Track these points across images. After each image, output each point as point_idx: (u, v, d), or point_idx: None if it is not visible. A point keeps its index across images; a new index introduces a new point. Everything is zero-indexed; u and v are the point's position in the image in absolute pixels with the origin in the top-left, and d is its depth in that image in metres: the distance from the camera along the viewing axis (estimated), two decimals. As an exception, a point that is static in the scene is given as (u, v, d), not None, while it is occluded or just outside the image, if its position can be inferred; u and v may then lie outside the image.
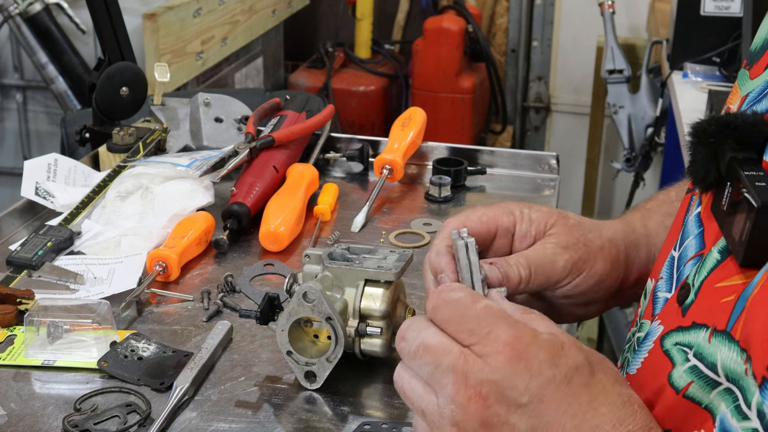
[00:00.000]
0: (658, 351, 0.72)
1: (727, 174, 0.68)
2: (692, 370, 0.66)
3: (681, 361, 0.68)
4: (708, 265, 0.70)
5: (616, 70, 2.73)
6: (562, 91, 3.63)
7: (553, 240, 0.85)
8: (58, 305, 0.92)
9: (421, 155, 1.40)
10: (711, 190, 0.71)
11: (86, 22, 2.65)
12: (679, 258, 0.76)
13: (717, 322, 0.65)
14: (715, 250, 0.70)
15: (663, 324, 0.73)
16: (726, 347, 0.63)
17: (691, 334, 0.69)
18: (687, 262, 0.74)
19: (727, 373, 0.63)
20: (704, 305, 0.68)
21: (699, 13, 2.29)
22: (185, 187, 1.20)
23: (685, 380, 0.67)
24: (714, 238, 0.71)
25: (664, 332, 0.72)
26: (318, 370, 0.85)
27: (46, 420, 0.82)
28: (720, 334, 0.64)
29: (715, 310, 0.66)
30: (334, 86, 3.32)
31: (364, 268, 0.87)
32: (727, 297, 0.66)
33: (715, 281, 0.68)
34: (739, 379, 0.62)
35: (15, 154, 3.00)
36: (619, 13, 2.99)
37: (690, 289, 0.71)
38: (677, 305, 0.72)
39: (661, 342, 0.72)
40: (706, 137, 0.69)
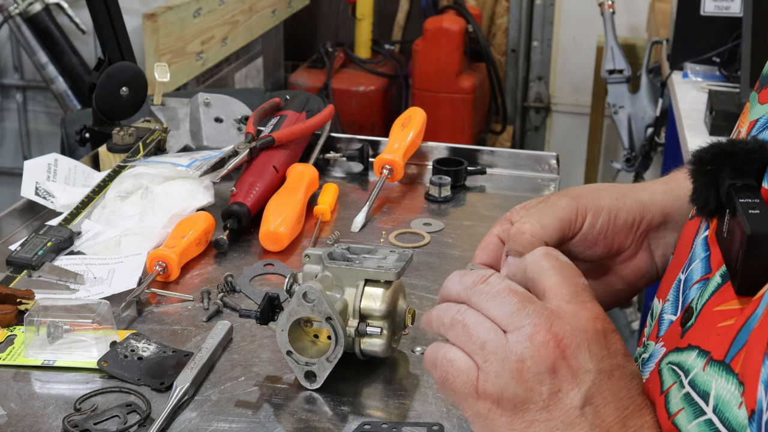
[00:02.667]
0: (655, 371, 0.73)
1: (727, 201, 0.68)
2: (685, 397, 0.66)
3: (675, 383, 0.69)
4: (710, 289, 0.70)
5: (616, 70, 2.73)
6: (562, 91, 3.63)
7: (552, 196, 0.87)
8: (58, 305, 0.92)
9: (421, 155, 1.40)
10: (715, 217, 0.71)
11: (86, 22, 2.65)
12: (685, 281, 0.76)
13: (714, 348, 0.65)
14: (718, 274, 0.70)
15: (665, 346, 0.74)
16: (723, 378, 0.63)
17: (683, 355, 0.69)
18: (692, 286, 0.75)
19: (717, 404, 0.63)
20: (702, 328, 0.69)
21: (699, 13, 2.29)
22: (185, 187, 1.20)
23: (676, 407, 0.67)
24: (719, 262, 0.71)
25: (665, 354, 0.73)
26: (318, 370, 0.85)
27: (46, 420, 0.82)
28: (717, 364, 0.64)
29: (711, 334, 0.67)
30: (334, 86, 3.32)
31: (364, 268, 0.87)
32: (725, 321, 0.66)
33: (714, 305, 0.69)
34: (727, 411, 0.62)
35: (15, 154, 3.00)
36: (619, 13, 2.99)
37: (693, 313, 0.71)
38: (679, 328, 0.72)
39: (659, 367, 0.72)
40: (704, 165, 0.70)
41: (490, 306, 0.70)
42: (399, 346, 0.91)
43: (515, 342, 0.67)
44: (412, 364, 0.90)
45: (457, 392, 0.69)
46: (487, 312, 0.70)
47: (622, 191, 0.90)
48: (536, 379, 0.66)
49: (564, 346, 0.67)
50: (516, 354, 0.67)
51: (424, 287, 1.05)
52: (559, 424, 0.66)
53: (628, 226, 0.88)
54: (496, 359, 0.67)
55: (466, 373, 0.69)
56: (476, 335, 0.69)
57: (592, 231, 0.85)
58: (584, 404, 0.67)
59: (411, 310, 0.89)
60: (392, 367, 0.90)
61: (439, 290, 0.74)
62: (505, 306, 0.69)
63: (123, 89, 1.42)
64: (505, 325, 0.68)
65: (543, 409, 0.67)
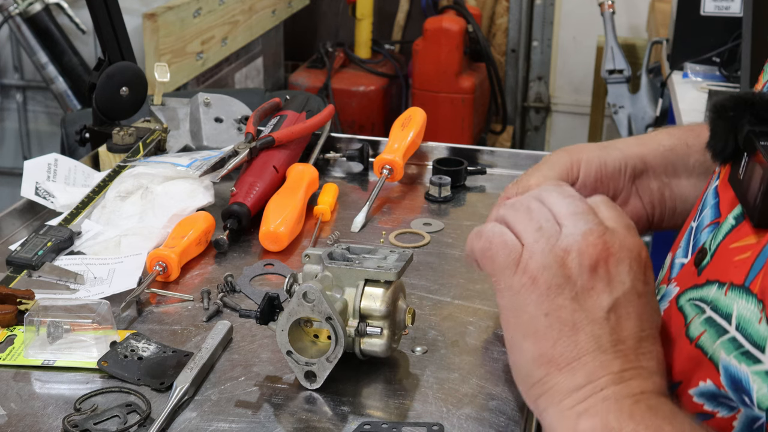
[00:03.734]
0: (673, 309, 0.78)
1: (745, 145, 0.73)
2: (707, 321, 0.72)
3: (697, 314, 0.74)
4: (723, 230, 0.76)
5: (616, 70, 2.73)
6: (562, 91, 3.63)
7: (548, 155, 0.97)
8: (58, 305, 0.92)
9: (421, 155, 1.40)
10: (728, 163, 0.77)
11: (86, 22, 2.65)
12: (697, 227, 0.82)
13: (733, 277, 0.71)
14: (731, 217, 0.76)
15: (679, 285, 0.79)
16: (744, 300, 0.69)
17: (704, 290, 0.75)
18: (703, 230, 0.80)
19: (739, 322, 0.68)
20: (719, 264, 0.74)
21: (699, 13, 2.29)
22: (185, 187, 1.20)
23: (698, 330, 0.73)
24: (729, 206, 0.77)
25: (680, 292, 0.78)
26: (318, 370, 0.85)
27: (46, 420, 0.82)
28: (737, 288, 0.70)
29: (729, 268, 0.72)
30: (334, 86, 3.32)
31: (364, 268, 0.87)
32: (742, 255, 0.71)
33: (729, 243, 0.74)
34: (749, 327, 0.67)
35: (15, 154, 3.00)
36: (619, 13, 2.99)
37: (707, 253, 0.77)
38: (694, 268, 0.78)
39: (677, 300, 0.78)
40: (726, 112, 0.75)
41: (559, 202, 0.76)
42: (399, 346, 0.91)
43: (568, 234, 0.73)
44: (412, 364, 0.90)
45: (496, 263, 0.75)
46: (552, 206, 0.76)
47: (603, 144, 0.98)
48: (576, 270, 0.72)
49: (610, 253, 0.72)
50: (565, 243, 0.73)
51: (424, 287, 1.05)
52: (583, 317, 0.72)
53: (617, 171, 0.96)
54: (546, 242, 0.73)
55: (511, 246, 0.74)
56: (536, 218, 0.74)
57: (588, 178, 0.95)
58: (610, 309, 0.72)
59: (411, 310, 0.89)
60: (392, 367, 0.90)
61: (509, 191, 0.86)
62: (572, 206, 0.75)
63: (123, 89, 1.42)
64: (565, 221, 0.74)
65: (573, 299, 0.72)
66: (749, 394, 0.66)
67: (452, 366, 0.90)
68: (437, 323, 0.97)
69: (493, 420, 0.82)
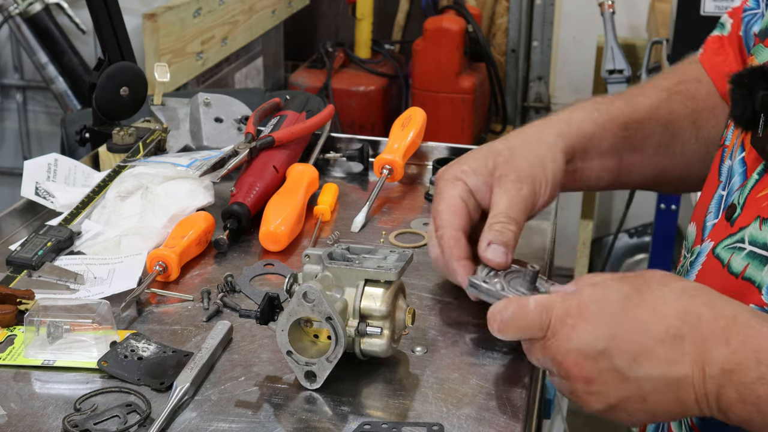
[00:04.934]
0: (710, 259, 0.86)
1: (761, 108, 0.82)
2: (748, 254, 0.80)
3: (733, 254, 0.82)
4: (749, 186, 0.84)
5: (616, 70, 2.73)
6: (562, 91, 3.63)
7: (505, 179, 0.96)
8: (58, 305, 0.92)
9: (421, 155, 1.40)
10: (750, 131, 0.85)
11: (86, 22, 2.65)
12: (727, 194, 0.90)
13: (763, 213, 0.80)
14: (755, 173, 0.85)
15: (713, 240, 0.87)
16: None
17: (737, 236, 0.83)
18: (734, 193, 0.88)
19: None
20: (749, 212, 0.83)
21: (699, 13, 2.29)
22: (185, 187, 1.20)
23: (741, 265, 0.81)
24: (753, 168, 0.86)
25: (715, 245, 0.86)
26: (318, 370, 0.85)
27: (46, 420, 0.82)
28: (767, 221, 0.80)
29: (758, 211, 0.81)
30: (334, 86, 3.31)
31: (364, 268, 0.87)
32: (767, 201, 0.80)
33: (756, 193, 0.83)
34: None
35: (15, 154, 3.00)
36: (619, 13, 2.99)
37: (736, 207, 0.85)
38: (725, 222, 0.86)
39: (713, 252, 0.86)
40: (742, 81, 0.84)
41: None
42: (399, 346, 0.91)
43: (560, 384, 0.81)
44: (412, 364, 0.90)
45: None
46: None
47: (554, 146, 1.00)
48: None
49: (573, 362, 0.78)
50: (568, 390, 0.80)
51: (424, 287, 1.05)
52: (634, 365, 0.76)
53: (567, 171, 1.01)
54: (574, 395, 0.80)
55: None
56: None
57: (548, 200, 0.99)
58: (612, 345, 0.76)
59: (411, 310, 0.89)
60: (392, 367, 0.90)
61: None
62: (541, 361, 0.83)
63: (123, 89, 1.42)
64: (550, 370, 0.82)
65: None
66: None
67: (452, 366, 0.90)
68: (437, 323, 0.97)
69: (493, 420, 0.82)
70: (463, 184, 0.97)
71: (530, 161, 0.97)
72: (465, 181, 0.97)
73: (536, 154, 0.98)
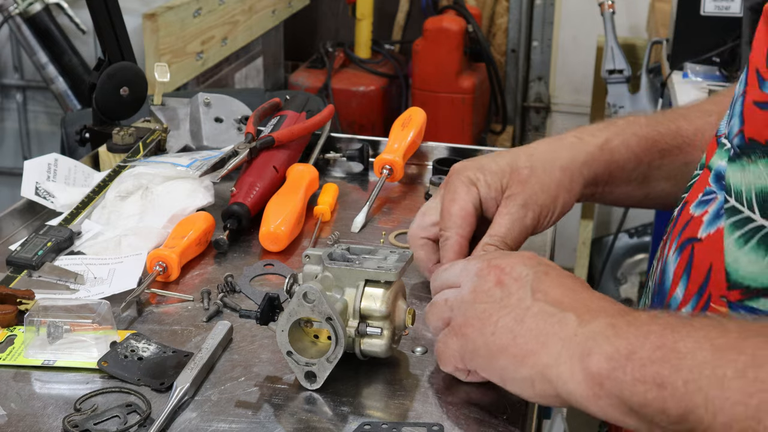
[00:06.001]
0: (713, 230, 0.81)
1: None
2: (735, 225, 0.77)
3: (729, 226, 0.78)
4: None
5: (616, 70, 2.73)
6: (562, 91, 3.63)
7: (513, 202, 0.97)
8: (58, 305, 0.92)
9: (421, 155, 1.40)
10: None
11: (86, 22, 2.65)
12: None
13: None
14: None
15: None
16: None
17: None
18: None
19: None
20: None
21: (699, 13, 2.29)
22: (185, 187, 1.20)
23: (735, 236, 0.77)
24: None
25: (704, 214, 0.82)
26: (318, 371, 0.85)
27: (46, 420, 0.82)
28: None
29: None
30: (334, 86, 3.32)
31: (364, 268, 0.87)
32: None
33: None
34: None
35: (15, 154, 3.00)
36: (619, 13, 2.99)
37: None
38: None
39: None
40: None
41: (444, 277, 0.87)
42: (399, 346, 0.91)
43: (467, 283, 0.83)
44: (412, 364, 0.90)
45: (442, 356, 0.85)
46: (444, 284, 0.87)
47: (577, 175, 0.99)
48: (488, 294, 0.80)
49: (502, 267, 0.81)
50: (470, 288, 0.82)
51: (424, 287, 1.04)
52: (519, 312, 0.78)
53: (584, 194, 1.02)
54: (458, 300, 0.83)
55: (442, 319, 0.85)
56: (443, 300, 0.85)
57: (549, 226, 1.01)
58: (534, 293, 0.79)
59: (411, 311, 0.89)
60: (392, 367, 0.90)
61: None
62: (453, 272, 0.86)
63: (123, 89, 1.42)
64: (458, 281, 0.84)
65: (502, 307, 0.79)
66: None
67: (452, 366, 0.90)
68: (437, 323, 0.97)
69: (493, 420, 0.82)
70: (477, 191, 0.97)
71: (544, 187, 0.97)
72: (478, 189, 0.97)
73: (554, 180, 0.97)
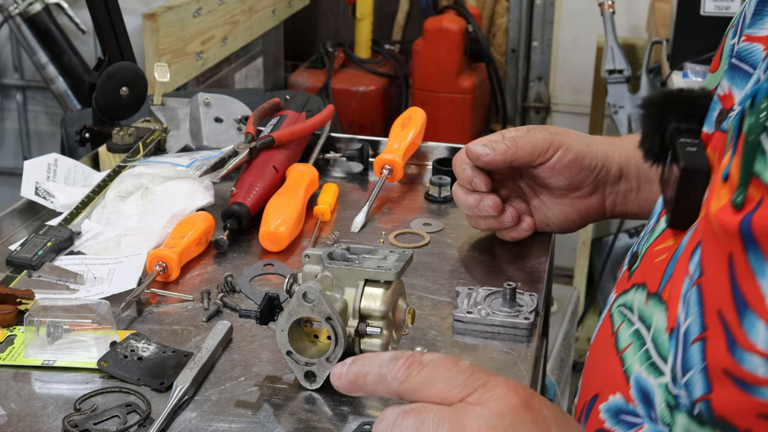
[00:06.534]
0: (606, 316, 0.77)
1: (669, 144, 0.73)
2: (635, 333, 0.70)
3: (623, 322, 0.72)
4: (655, 234, 0.76)
5: (616, 70, 2.73)
6: (562, 91, 3.63)
7: (534, 127, 1.06)
8: (58, 305, 0.92)
9: (421, 155, 1.40)
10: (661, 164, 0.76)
11: (86, 22, 2.65)
12: (642, 235, 0.82)
13: (650, 283, 0.70)
14: (663, 220, 0.75)
15: (616, 292, 0.78)
16: (658, 309, 0.67)
17: (629, 295, 0.74)
18: (643, 236, 0.80)
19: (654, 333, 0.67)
20: (643, 267, 0.74)
21: (699, 13, 2.29)
22: (185, 187, 1.20)
23: (626, 342, 0.70)
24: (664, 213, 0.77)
25: (615, 298, 0.78)
26: (318, 370, 0.85)
27: (46, 420, 0.82)
28: (653, 297, 0.69)
29: (649, 270, 0.71)
30: (334, 86, 3.32)
31: (364, 268, 0.87)
32: (660, 257, 0.71)
33: (654, 246, 0.74)
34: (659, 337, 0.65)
35: (15, 154, 3.00)
36: (619, 13, 2.99)
37: (638, 257, 0.77)
38: (627, 272, 0.78)
39: (611, 307, 0.77)
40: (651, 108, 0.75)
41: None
42: (399, 346, 0.91)
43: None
44: (412, 364, 0.90)
45: None
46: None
47: (593, 140, 1.06)
48: None
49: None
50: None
51: (424, 287, 1.05)
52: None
53: (590, 169, 1.05)
54: None
55: None
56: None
57: (559, 163, 1.03)
58: None
59: (411, 311, 0.89)
60: (392, 367, 0.90)
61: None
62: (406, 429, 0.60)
63: (123, 89, 1.42)
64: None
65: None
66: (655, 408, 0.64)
67: (452, 366, 0.90)
68: (437, 323, 0.97)
69: (493, 420, 0.82)
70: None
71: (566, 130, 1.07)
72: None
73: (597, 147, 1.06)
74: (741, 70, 0.71)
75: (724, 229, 0.56)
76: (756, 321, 0.54)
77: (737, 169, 0.56)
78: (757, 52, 0.69)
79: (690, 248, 0.64)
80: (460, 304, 0.98)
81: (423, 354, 0.64)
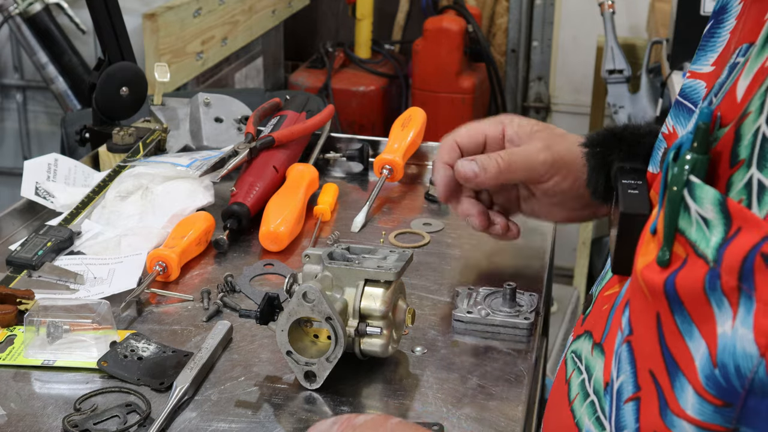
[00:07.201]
0: (563, 361, 0.75)
1: (614, 183, 0.70)
2: (581, 384, 0.68)
3: (574, 371, 0.70)
4: (606, 278, 0.73)
5: (616, 70, 2.73)
6: (562, 91, 3.63)
7: (537, 138, 0.95)
8: (58, 305, 0.92)
9: (421, 155, 1.40)
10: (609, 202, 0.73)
11: (86, 22, 2.64)
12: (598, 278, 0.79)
13: (596, 332, 0.67)
14: None
15: (573, 335, 0.76)
16: (600, 360, 0.65)
17: (579, 342, 0.71)
18: (599, 279, 0.77)
19: (595, 385, 0.65)
20: (594, 313, 0.71)
21: (699, 13, 2.28)
22: (185, 187, 1.20)
23: (575, 392, 0.69)
24: None
25: (571, 342, 0.75)
26: (318, 370, 0.85)
27: (46, 420, 0.82)
28: (597, 347, 0.67)
29: (596, 318, 0.69)
30: (334, 86, 3.31)
31: (364, 268, 0.87)
32: (605, 304, 0.68)
33: (605, 290, 0.71)
34: (600, 390, 0.64)
35: (15, 154, 2.99)
36: (619, 13, 2.99)
37: (591, 300, 0.74)
38: (582, 316, 0.75)
39: (566, 353, 0.75)
40: (594, 147, 0.73)
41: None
42: (399, 346, 0.91)
43: None
44: (412, 364, 0.90)
45: None
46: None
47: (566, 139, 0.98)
48: None
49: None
50: None
51: (424, 287, 1.05)
52: None
53: (587, 195, 0.94)
54: None
55: None
56: None
57: (555, 188, 0.96)
58: None
59: (411, 310, 0.89)
60: (392, 367, 0.90)
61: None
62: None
63: (123, 89, 1.42)
64: None
65: None
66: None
67: (452, 366, 0.90)
68: (437, 323, 0.97)
69: (493, 420, 0.82)
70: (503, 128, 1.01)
71: (571, 146, 0.96)
72: (505, 127, 1.00)
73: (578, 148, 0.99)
74: (685, 108, 0.68)
75: (650, 287, 0.54)
76: (686, 385, 0.51)
77: (662, 224, 0.53)
78: (700, 89, 0.66)
79: (624, 300, 0.62)
80: (460, 304, 0.98)
81: (357, 416, 0.70)
